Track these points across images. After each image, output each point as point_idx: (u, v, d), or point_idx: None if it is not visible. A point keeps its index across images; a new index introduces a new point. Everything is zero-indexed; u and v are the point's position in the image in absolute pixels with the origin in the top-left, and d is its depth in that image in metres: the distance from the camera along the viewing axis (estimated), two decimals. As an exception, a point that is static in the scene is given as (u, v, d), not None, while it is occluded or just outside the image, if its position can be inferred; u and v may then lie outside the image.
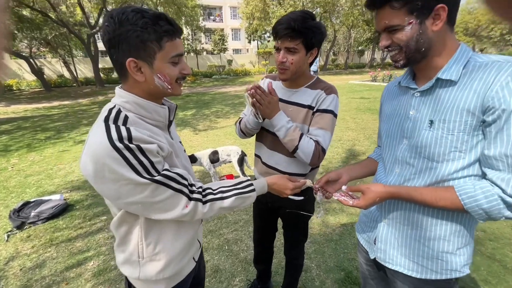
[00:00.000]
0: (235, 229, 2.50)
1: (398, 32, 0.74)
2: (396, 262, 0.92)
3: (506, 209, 0.68)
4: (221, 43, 27.10)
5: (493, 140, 0.68)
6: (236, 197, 0.88)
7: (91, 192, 3.28)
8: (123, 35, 0.69)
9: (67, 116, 8.10)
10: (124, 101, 0.77)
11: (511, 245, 2.15)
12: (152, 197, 0.74)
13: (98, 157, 0.67)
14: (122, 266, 0.89)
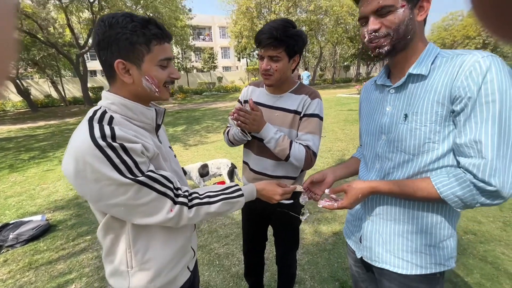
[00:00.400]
0: (226, 243, 2.43)
1: (390, 14, 0.73)
2: (382, 260, 0.90)
3: (479, 195, 0.69)
4: (210, 61, 27.62)
5: (463, 128, 0.70)
6: (224, 202, 0.85)
7: (75, 212, 3.14)
8: (113, 37, 0.69)
9: (53, 135, 7.91)
10: (110, 102, 0.75)
11: (502, 246, 2.16)
12: (135, 199, 0.71)
13: (80, 156, 0.65)
14: (111, 278, 0.84)
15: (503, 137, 0.65)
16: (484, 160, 0.66)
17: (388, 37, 0.75)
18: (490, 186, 0.66)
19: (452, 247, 0.84)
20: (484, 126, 0.66)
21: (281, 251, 1.51)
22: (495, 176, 0.65)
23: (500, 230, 2.38)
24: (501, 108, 0.65)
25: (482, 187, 0.67)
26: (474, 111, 0.67)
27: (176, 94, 19.51)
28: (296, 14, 19.59)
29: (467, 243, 2.23)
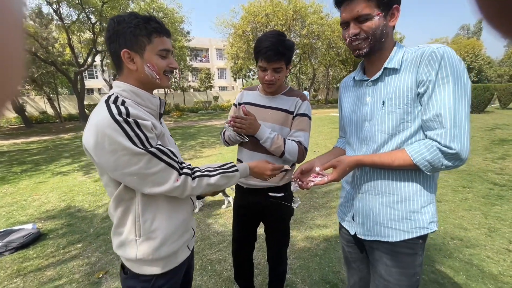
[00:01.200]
0: (218, 249, 2.43)
1: (368, 21, 0.86)
2: (373, 233, 1.00)
3: (443, 158, 0.82)
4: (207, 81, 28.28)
5: (427, 106, 0.84)
6: (221, 175, 0.94)
7: (67, 221, 3.12)
8: (120, 31, 0.82)
9: (46, 150, 7.87)
10: (121, 89, 0.86)
11: (487, 251, 2.23)
12: (147, 168, 0.80)
13: (100, 129, 0.75)
14: (119, 249, 0.91)
15: (458, 109, 0.79)
16: (444, 129, 0.80)
17: (367, 40, 0.89)
18: (451, 149, 0.80)
19: (433, 212, 0.95)
20: (442, 102, 0.80)
21: (273, 248, 1.56)
22: (454, 141, 0.79)
23: (485, 236, 2.45)
24: (454, 87, 0.79)
25: (445, 151, 0.80)
26: (434, 91, 0.82)
27: (172, 112, 19.73)
28: (290, 38, 20.52)
29: (454, 248, 2.29)
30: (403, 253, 0.96)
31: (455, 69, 0.80)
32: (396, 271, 0.96)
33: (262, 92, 1.43)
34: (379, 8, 0.86)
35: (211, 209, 3.30)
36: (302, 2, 18.29)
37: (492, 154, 5.19)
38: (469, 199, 3.26)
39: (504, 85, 13.83)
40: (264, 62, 1.25)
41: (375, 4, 0.85)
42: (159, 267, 0.92)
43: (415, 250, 0.95)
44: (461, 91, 0.80)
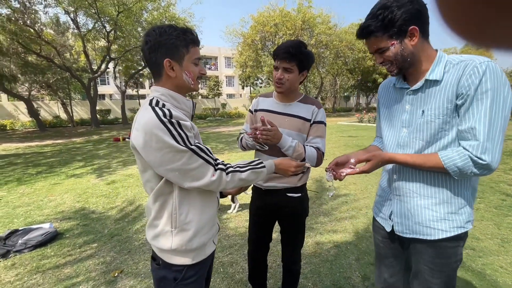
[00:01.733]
0: (230, 252, 2.48)
1: (386, 52, 0.97)
2: (413, 231, 1.06)
3: (473, 167, 0.88)
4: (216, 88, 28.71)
5: (463, 118, 0.90)
6: (251, 171, 1.02)
7: (82, 222, 3.21)
8: (162, 42, 0.91)
9: (60, 153, 8.10)
10: (159, 94, 0.95)
11: (500, 261, 2.21)
12: (188, 164, 0.88)
13: (148, 129, 0.84)
14: (154, 240, 0.98)
15: (492, 124, 0.85)
16: (477, 142, 0.86)
17: (393, 65, 1.00)
18: (482, 160, 0.86)
19: (469, 212, 1.01)
20: (478, 116, 0.86)
21: (288, 247, 1.60)
22: (486, 153, 0.85)
23: (498, 246, 2.43)
24: (492, 102, 0.84)
25: (476, 161, 0.87)
26: (471, 105, 0.87)
27: (181, 118, 19.99)
28: (298, 47, 20.79)
29: (466, 257, 2.27)
30: (446, 247, 1.02)
31: (495, 85, 0.84)
32: (440, 261, 1.03)
33: (278, 99, 1.49)
34: (392, 39, 0.94)
35: (221, 213, 3.35)
36: (310, 13, 18.57)
37: (504, 165, 5.12)
38: (481, 209, 3.23)
39: (515, 96, 13.61)
40: (277, 61, 1.34)
41: (387, 37, 0.94)
42: (190, 258, 0.99)
43: (458, 243, 1.02)
44: (498, 106, 0.84)
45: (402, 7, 0.90)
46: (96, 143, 10.08)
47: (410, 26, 0.92)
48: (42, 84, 16.66)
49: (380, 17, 0.92)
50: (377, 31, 0.95)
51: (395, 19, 0.91)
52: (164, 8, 14.63)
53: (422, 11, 0.92)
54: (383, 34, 0.95)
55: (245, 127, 1.61)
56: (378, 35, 0.95)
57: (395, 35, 0.94)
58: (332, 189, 1.28)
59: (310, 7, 18.92)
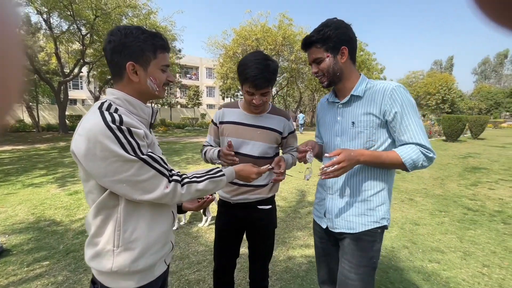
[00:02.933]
0: (197, 269, 2.33)
1: (321, 63, 1.15)
2: (340, 226, 1.22)
3: (424, 160, 1.07)
4: (195, 98, 28.43)
5: (401, 131, 1.10)
6: (209, 180, 0.96)
7: (34, 236, 2.90)
8: (127, 43, 0.84)
9: (19, 160, 7.44)
10: (115, 97, 0.88)
11: (463, 274, 2.27)
12: (137, 175, 0.80)
13: (92, 136, 0.76)
14: (93, 261, 0.87)
15: (422, 130, 1.09)
16: (422, 145, 1.08)
17: (324, 76, 1.17)
18: (430, 153, 1.08)
19: (384, 210, 1.18)
20: (413, 125, 1.08)
21: (256, 262, 1.53)
22: (430, 151, 1.08)
23: (460, 259, 2.52)
24: (414, 114, 1.09)
25: (426, 154, 1.07)
26: (402, 119, 1.09)
27: (158, 127, 19.48)
28: (278, 62, 21.40)
29: (432, 271, 2.32)
30: (364, 240, 1.18)
31: (409, 101, 1.09)
32: (358, 254, 1.17)
33: (246, 111, 1.43)
34: (327, 52, 1.13)
35: (192, 226, 3.20)
36: (291, 30, 19.31)
37: (465, 181, 5.46)
38: (446, 223, 3.37)
39: (474, 117, 14.85)
40: (252, 89, 1.26)
41: (324, 50, 1.13)
42: (134, 280, 0.88)
43: (374, 237, 1.18)
44: (418, 115, 1.10)
45: (338, 29, 1.11)
46: (62, 150, 9.41)
47: (342, 45, 1.12)
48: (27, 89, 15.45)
49: (321, 32, 1.11)
50: (317, 42, 1.12)
51: (332, 36, 1.10)
52: (145, 16, 14.43)
53: (353, 39, 1.15)
54: (321, 46, 1.12)
55: (208, 139, 1.55)
56: (318, 46, 1.13)
57: (330, 49, 1.12)
58: (310, 171, 1.23)
59: (291, 25, 19.69)
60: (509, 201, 4.22)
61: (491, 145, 11.85)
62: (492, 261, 2.48)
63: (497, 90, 44.21)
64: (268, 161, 1.36)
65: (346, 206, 1.20)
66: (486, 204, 4.08)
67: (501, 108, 41.50)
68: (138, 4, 13.95)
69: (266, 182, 1.44)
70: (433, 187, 4.97)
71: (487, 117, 15.26)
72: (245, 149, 1.39)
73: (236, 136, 1.40)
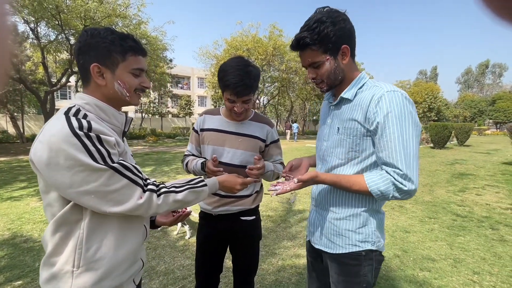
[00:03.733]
0: (182, 285, 2.22)
1: (320, 67, 0.96)
2: (319, 242, 1.10)
3: (395, 191, 0.88)
4: (187, 107, 28.30)
5: (379, 146, 0.91)
6: (189, 191, 0.89)
7: (8, 253, 2.72)
8: (93, 44, 0.79)
9: (0, 172, 7.13)
10: (84, 102, 0.81)
11: (453, 282, 2.24)
12: (107, 185, 0.73)
13: (55, 143, 0.69)
14: (48, 284, 0.78)
15: (407, 152, 0.86)
16: (398, 170, 0.86)
17: (323, 83, 1.01)
18: (403, 186, 0.86)
19: (367, 233, 1.00)
20: (393, 145, 0.87)
21: (241, 275, 1.46)
22: (406, 180, 0.86)
23: (451, 266, 2.49)
24: (401, 131, 0.86)
25: (397, 186, 0.87)
26: (383, 134, 0.88)
27: (148, 137, 19.19)
28: (269, 72, 21.66)
29: (423, 280, 2.28)
30: (347, 264, 1.02)
31: (401, 115, 0.87)
32: (342, 279, 1.03)
33: (228, 118, 1.39)
34: (327, 53, 0.94)
35: (179, 239, 3.07)
36: (281, 41, 19.65)
37: (453, 187, 5.53)
38: (435, 229, 3.37)
39: (460, 124, 15.29)
40: (233, 96, 1.22)
41: (322, 51, 0.94)
42: None
43: (359, 261, 1.00)
44: (408, 132, 0.87)
45: (336, 24, 0.91)
46: (46, 162, 9.09)
47: (343, 44, 0.94)
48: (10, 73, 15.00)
49: (316, 30, 0.91)
50: (313, 44, 0.93)
51: (330, 35, 0.91)
52: (135, 26, 14.42)
53: (352, 31, 0.96)
54: (319, 48, 0.94)
55: (189, 148, 1.49)
56: (314, 48, 0.94)
57: (329, 51, 0.94)
58: (294, 195, 1.17)
59: (281, 36, 20.06)
60: (496, 206, 4.28)
61: (476, 152, 12.16)
62: (482, 268, 2.47)
63: (480, 99, 46.04)
64: None
65: (327, 222, 1.07)
66: (474, 209, 4.11)
67: (484, 115, 43.04)
68: (129, 14, 13.96)
69: (250, 193, 1.39)
70: (422, 194, 5.00)
71: (471, 124, 15.72)
72: (225, 158, 1.34)
73: (216, 144, 1.35)
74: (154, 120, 26.06)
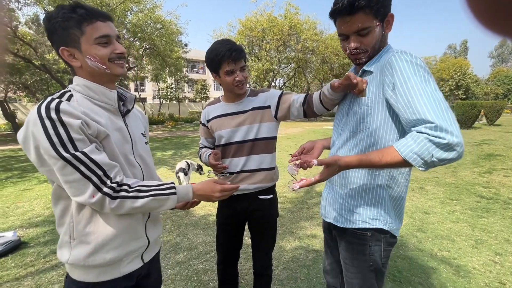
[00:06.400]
0: (205, 259, 2.38)
1: (369, 34, 0.89)
2: (330, 216, 1.12)
3: (434, 149, 0.74)
4: (203, 92, 28.47)
5: (403, 108, 0.82)
6: (152, 198, 0.82)
7: (50, 229, 3.02)
8: (51, 29, 0.77)
9: (35, 157, 7.70)
10: (75, 84, 0.83)
11: (473, 262, 2.23)
12: (62, 174, 0.74)
13: (29, 123, 0.72)
14: (58, 250, 0.85)
15: (434, 104, 0.76)
16: (429, 124, 0.75)
17: (366, 53, 0.94)
18: (443, 139, 0.73)
19: (378, 210, 0.99)
20: (416, 101, 0.78)
21: (260, 251, 1.54)
22: (445, 132, 0.73)
23: (472, 247, 2.46)
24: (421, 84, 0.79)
25: (435, 141, 0.73)
26: (403, 93, 0.81)
27: (167, 122, 19.69)
28: (285, 52, 21.05)
29: (441, 259, 2.29)
30: (352, 242, 1.04)
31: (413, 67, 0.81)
32: (350, 256, 1.06)
33: (227, 101, 1.43)
34: (377, 19, 0.88)
35: (201, 218, 3.25)
36: (297, 19, 18.86)
37: (479, 168, 5.30)
38: (457, 211, 3.30)
39: (490, 102, 14.27)
40: (232, 64, 1.25)
41: (373, 16, 0.87)
42: (93, 275, 0.84)
43: (364, 241, 1.01)
44: (429, 83, 0.79)
45: None
46: (75, 147, 9.68)
47: (389, 11, 0.88)
48: (19, 86, 15.90)
49: None
50: (368, 7, 0.84)
51: None
52: (149, 10, 14.40)
53: None
54: (370, 12, 0.85)
55: (202, 140, 1.57)
56: (368, 11, 0.85)
57: (380, 16, 0.87)
58: (294, 182, 1.17)
59: (297, 14, 19.22)
60: (526, 188, 4.08)
61: (507, 131, 11.40)
62: (505, 249, 2.42)
63: (515, 74, 42.24)
64: (267, 142, 1.37)
65: (339, 198, 1.06)
66: (501, 191, 3.95)
67: (519, 92, 39.71)
68: (143, -1, 13.91)
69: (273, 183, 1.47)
70: (445, 176, 4.85)
71: (504, 102, 14.63)
72: (237, 137, 1.37)
73: (223, 127, 1.39)
74: (172, 106, 26.55)
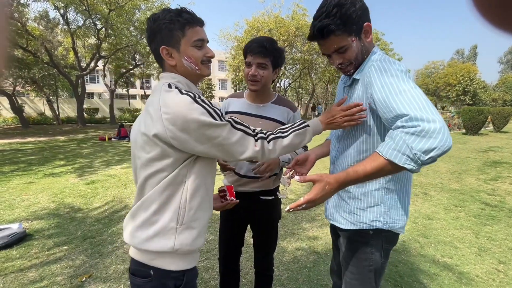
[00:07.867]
0: (207, 257, 2.40)
1: (347, 51, 0.95)
2: (333, 218, 1.13)
3: (413, 141, 0.71)
4: (208, 91, 28.55)
5: (382, 110, 0.83)
6: (295, 134, 0.95)
7: (55, 222, 3.06)
8: (156, 29, 0.86)
9: (41, 151, 7.81)
10: (176, 80, 0.89)
11: (476, 270, 2.21)
12: (229, 138, 0.83)
13: (182, 113, 0.78)
14: (149, 241, 0.84)
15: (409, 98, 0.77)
16: (404, 117, 0.75)
17: (351, 65, 0.99)
18: (418, 127, 0.71)
19: (378, 212, 1.00)
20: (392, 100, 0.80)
21: (260, 252, 1.55)
22: (420, 121, 0.72)
23: (475, 255, 2.44)
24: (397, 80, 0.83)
25: (409, 131, 0.72)
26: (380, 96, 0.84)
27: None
28: (291, 53, 21.02)
29: (444, 265, 2.27)
30: (355, 240, 1.06)
31: (389, 69, 0.86)
32: (350, 255, 1.07)
33: (250, 100, 1.42)
34: (351, 35, 0.93)
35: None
36: (304, 20, 18.83)
37: (484, 175, 5.24)
38: (461, 218, 3.26)
39: (498, 109, 14.06)
40: (249, 57, 1.26)
41: (346, 34, 0.92)
42: (188, 261, 0.91)
43: (366, 238, 1.03)
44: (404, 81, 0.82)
45: (355, 4, 0.90)
46: (80, 142, 9.79)
47: (365, 22, 0.93)
48: (27, 80, 16.14)
49: (338, 15, 0.89)
50: (337, 29, 0.90)
51: (353, 16, 0.90)
52: (157, 8, 14.50)
53: (367, 8, 0.95)
54: (343, 32, 0.91)
55: None
56: (338, 33, 0.91)
57: (354, 32, 0.93)
58: (285, 193, 1.16)
59: (305, 15, 19.19)
60: (532, 197, 4.02)
61: (515, 139, 11.24)
62: (509, 258, 2.39)
63: (524, 81, 41.59)
64: None
65: (340, 200, 1.08)
66: (506, 199, 3.90)
67: (528, 99, 39.09)
68: (151, -4, 14.03)
69: (276, 185, 1.47)
70: (449, 182, 4.80)
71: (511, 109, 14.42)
72: None
73: None
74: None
